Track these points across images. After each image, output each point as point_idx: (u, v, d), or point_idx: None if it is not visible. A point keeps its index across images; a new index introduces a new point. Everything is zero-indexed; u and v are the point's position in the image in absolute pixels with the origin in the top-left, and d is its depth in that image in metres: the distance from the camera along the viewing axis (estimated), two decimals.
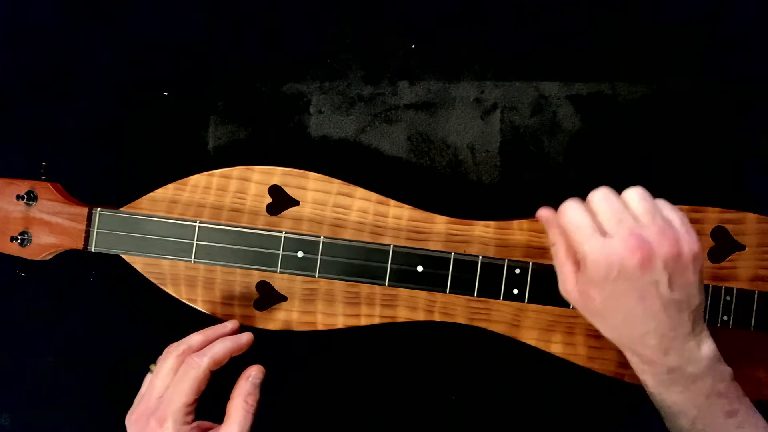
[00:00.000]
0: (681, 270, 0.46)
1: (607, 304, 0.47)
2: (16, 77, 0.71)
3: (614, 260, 0.45)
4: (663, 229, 0.46)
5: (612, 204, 0.47)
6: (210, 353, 0.53)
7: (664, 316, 0.46)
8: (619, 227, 0.46)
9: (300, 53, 0.69)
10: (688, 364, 0.47)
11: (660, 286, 0.46)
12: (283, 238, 0.59)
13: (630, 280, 0.45)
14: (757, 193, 0.66)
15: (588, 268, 0.46)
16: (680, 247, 0.45)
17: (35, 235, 0.60)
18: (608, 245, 0.45)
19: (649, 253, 0.45)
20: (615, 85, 0.67)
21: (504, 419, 0.67)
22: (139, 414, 0.51)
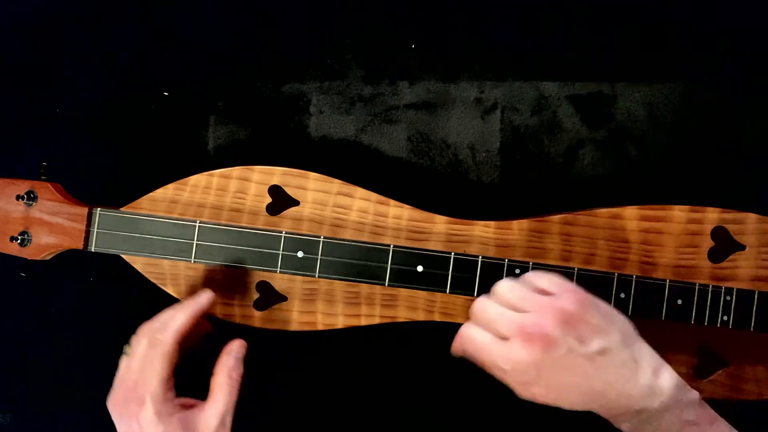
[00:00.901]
0: (577, 324, 0.47)
1: (552, 392, 0.48)
2: (15, 76, 0.71)
3: (524, 359, 0.46)
4: (540, 304, 0.48)
5: (490, 310, 0.49)
6: (171, 326, 0.52)
7: (601, 369, 0.47)
8: (510, 328, 0.48)
9: (300, 53, 0.69)
10: (652, 401, 0.47)
11: (575, 350, 0.46)
12: (283, 238, 0.59)
13: (550, 365, 0.46)
14: (757, 193, 0.66)
15: (514, 377, 0.48)
16: (563, 308, 0.47)
17: (35, 235, 0.60)
18: (512, 351, 0.47)
19: (544, 335, 0.46)
20: (615, 85, 0.67)
21: (504, 419, 0.67)
22: (119, 398, 0.51)
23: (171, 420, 0.50)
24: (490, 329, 0.49)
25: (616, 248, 0.60)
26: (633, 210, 0.60)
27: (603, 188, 0.67)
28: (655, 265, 0.60)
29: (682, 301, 0.58)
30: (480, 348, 0.49)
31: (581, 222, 0.60)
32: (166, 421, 0.50)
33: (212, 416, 0.51)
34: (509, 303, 0.49)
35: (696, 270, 0.60)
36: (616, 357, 0.47)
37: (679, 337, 0.61)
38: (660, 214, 0.60)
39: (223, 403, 0.51)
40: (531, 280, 0.51)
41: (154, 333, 0.52)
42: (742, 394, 0.61)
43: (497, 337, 0.48)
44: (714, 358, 0.61)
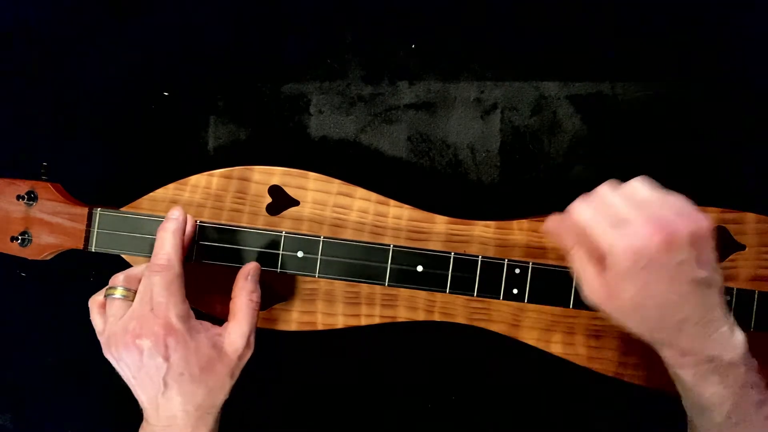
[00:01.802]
0: (702, 246, 0.46)
1: (639, 296, 0.46)
2: (15, 77, 0.71)
3: (639, 246, 0.44)
4: (677, 209, 0.46)
5: (621, 195, 0.47)
6: (166, 249, 0.52)
7: (698, 297, 0.46)
8: (635, 214, 0.45)
9: (300, 53, 0.69)
10: (725, 351, 0.47)
11: (687, 265, 0.45)
12: (283, 238, 0.59)
13: (658, 265, 0.45)
14: (757, 193, 0.66)
15: (614, 262, 0.45)
16: (698, 223, 0.46)
17: (35, 235, 0.60)
18: (629, 234, 0.45)
19: (671, 233, 0.44)
20: (615, 85, 0.67)
21: (504, 419, 0.67)
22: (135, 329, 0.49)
23: (200, 337, 0.50)
24: (609, 211, 0.46)
25: None
26: None
27: None
28: None
29: None
30: (592, 223, 0.46)
31: None
32: (195, 338, 0.50)
33: (238, 336, 0.52)
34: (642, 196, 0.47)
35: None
36: (713, 296, 0.47)
37: None
38: None
39: (247, 323, 0.53)
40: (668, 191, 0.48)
41: (151, 264, 0.52)
42: None
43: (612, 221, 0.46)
44: None
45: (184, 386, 0.50)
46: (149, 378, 0.49)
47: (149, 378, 0.49)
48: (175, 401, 0.50)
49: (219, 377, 0.51)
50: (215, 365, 0.51)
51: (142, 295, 0.51)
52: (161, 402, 0.50)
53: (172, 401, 0.50)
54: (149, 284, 0.51)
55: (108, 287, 0.54)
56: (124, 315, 0.51)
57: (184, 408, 0.50)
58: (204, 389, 0.50)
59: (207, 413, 0.51)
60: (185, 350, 0.49)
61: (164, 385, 0.49)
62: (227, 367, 0.51)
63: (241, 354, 0.52)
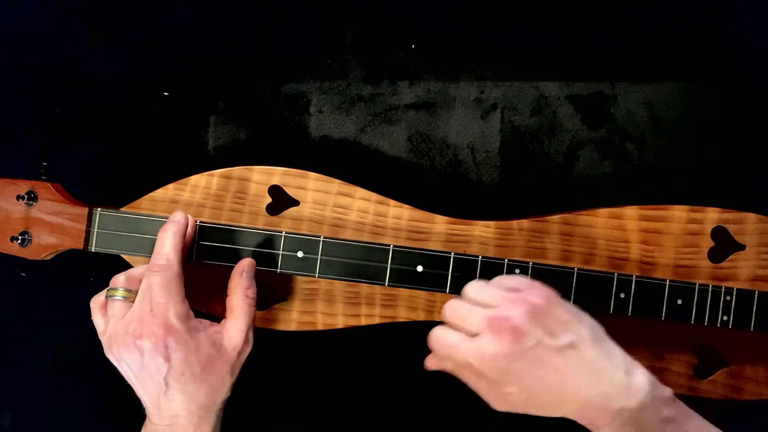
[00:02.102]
0: (545, 316, 0.47)
1: (524, 392, 0.47)
2: (15, 76, 0.71)
3: (495, 353, 0.46)
4: (509, 299, 0.48)
5: (460, 309, 0.49)
6: (167, 249, 0.52)
7: (572, 364, 0.46)
8: (479, 323, 0.47)
9: (300, 53, 0.69)
10: (629, 399, 0.45)
11: (544, 342, 0.46)
12: (283, 238, 0.59)
13: (520, 358, 0.46)
14: (757, 193, 0.66)
15: (486, 374, 0.47)
16: (530, 301, 0.47)
17: (35, 235, 0.60)
18: (482, 344, 0.46)
19: (513, 326, 0.46)
20: (615, 85, 0.67)
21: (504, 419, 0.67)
22: (137, 331, 0.49)
23: (199, 336, 0.51)
24: (460, 328, 0.49)
25: (616, 248, 0.60)
26: (633, 210, 0.60)
27: (603, 188, 0.67)
28: (655, 265, 0.60)
29: (682, 301, 0.58)
30: (450, 346, 0.48)
31: (581, 222, 0.60)
32: (196, 337, 0.50)
33: (236, 333, 0.53)
34: (478, 301, 0.49)
35: (696, 270, 0.60)
36: (587, 352, 0.46)
37: (679, 337, 0.61)
38: (660, 214, 0.60)
39: (244, 319, 0.53)
40: (500, 280, 0.51)
41: (151, 264, 0.52)
42: (742, 394, 0.61)
43: (467, 335, 0.48)
44: (714, 358, 0.61)
45: (185, 385, 0.50)
46: (151, 378, 0.50)
47: (151, 378, 0.50)
48: (176, 400, 0.50)
49: (220, 375, 0.52)
50: (215, 363, 0.51)
51: (142, 295, 0.52)
52: (163, 401, 0.50)
53: (174, 400, 0.50)
54: (149, 285, 0.51)
55: (109, 288, 0.54)
56: (125, 316, 0.52)
57: (186, 407, 0.50)
58: (205, 388, 0.51)
59: (209, 411, 0.51)
60: (185, 350, 0.50)
61: (166, 384, 0.50)
62: (227, 365, 0.52)
63: (240, 350, 0.53)
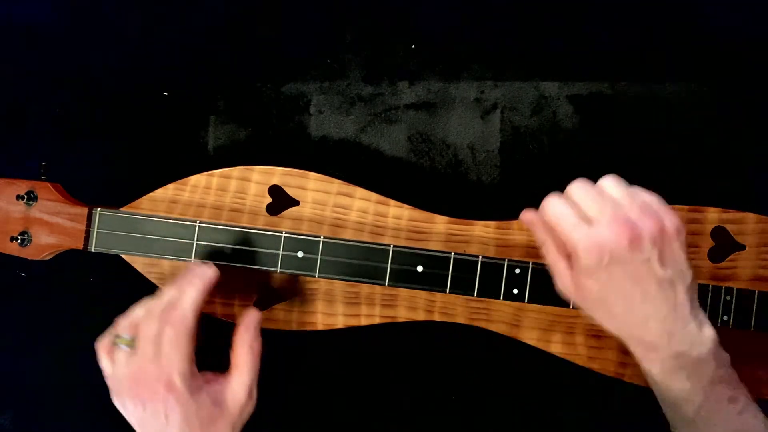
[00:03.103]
0: (668, 244, 0.46)
1: (604, 292, 0.47)
2: (15, 76, 0.71)
3: (604, 244, 0.45)
4: (643, 208, 0.47)
5: (591, 193, 0.48)
6: (187, 304, 0.51)
7: (662, 296, 0.47)
8: (602, 213, 0.46)
9: (300, 53, 0.69)
10: (692, 347, 0.47)
11: (651, 263, 0.46)
12: (283, 238, 0.59)
13: (622, 263, 0.46)
14: (757, 193, 0.66)
15: (580, 258, 0.46)
16: (663, 222, 0.46)
17: (35, 235, 0.60)
18: (595, 231, 0.46)
19: (636, 232, 0.45)
20: (615, 85, 0.67)
21: (504, 419, 0.67)
22: (140, 384, 0.49)
23: (200, 396, 0.50)
24: (578, 209, 0.47)
25: None
26: None
27: None
28: None
29: None
30: (561, 220, 0.47)
31: None
32: (196, 398, 0.49)
33: (239, 389, 0.52)
34: (613, 196, 0.48)
35: (696, 270, 0.60)
36: (679, 294, 0.47)
37: None
38: None
39: (248, 374, 0.52)
40: (638, 190, 0.49)
41: (167, 314, 0.51)
42: None
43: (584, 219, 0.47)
44: None
45: None
46: (153, 430, 0.50)
47: (153, 430, 0.50)
48: None
49: None
50: (217, 422, 0.50)
51: (150, 342, 0.50)
52: None
53: None
54: (159, 333, 0.50)
55: (114, 333, 0.52)
56: (130, 363, 0.51)
57: None
58: None
59: None
60: (186, 410, 0.49)
61: None
62: (229, 423, 0.51)
63: (242, 407, 0.52)
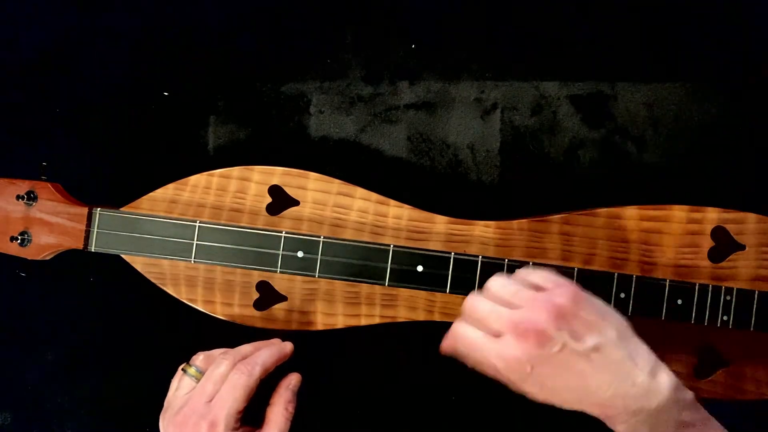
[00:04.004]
0: (572, 318, 0.46)
1: (547, 389, 0.47)
2: (15, 76, 0.71)
3: (518, 357, 0.45)
4: (533, 299, 0.47)
5: (485, 306, 0.48)
6: (260, 361, 0.54)
7: (596, 367, 0.46)
8: (502, 324, 0.46)
9: (300, 53, 0.69)
10: (649, 400, 0.45)
11: (569, 346, 0.45)
12: (283, 238, 0.59)
13: (544, 361, 0.45)
14: (757, 193, 0.66)
15: (507, 374, 0.46)
16: (556, 303, 0.46)
17: (35, 235, 0.60)
18: (505, 347, 0.46)
19: (538, 330, 0.45)
20: (615, 85, 0.67)
21: (504, 419, 0.67)
22: (186, 415, 0.51)
23: None
24: (482, 326, 0.48)
25: (616, 248, 0.60)
26: (633, 210, 0.60)
27: (603, 188, 0.67)
28: (655, 265, 0.60)
29: (682, 301, 0.58)
30: (472, 346, 0.48)
31: (581, 222, 0.60)
32: None
33: None
34: (501, 299, 0.48)
35: (696, 270, 0.60)
36: (612, 354, 0.46)
37: (679, 337, 0.61)
38: (660, 214, 0.60)
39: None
40: (524, 276, 0.50)
41: (241, 362, 0.53)
42: (742, 394, 0.61)
43: (489, 334, 0.47)
44: (714, 358, 0.61)
45: None
46: None
47: None
48: None
49: None
50: None
51: (211, 381, 0.53)
52: None
53: None
54: (223, 375, 0.53)
55: (189, 361, 0.56)
56: (187, 394, 0.53)
57: None
58: None
59: None
60: None
61: None
62: None
63: None
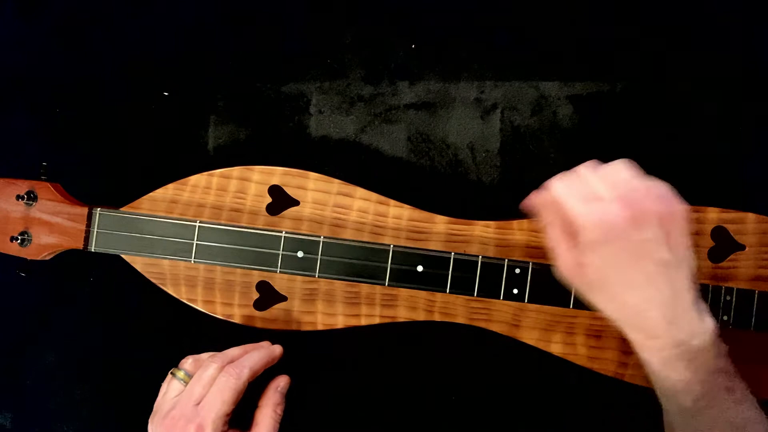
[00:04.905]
0: (672, 228, 0.46)
1: (606, 271, 0.47)
2: (16, 76, 0.71)
3: (607, 220, 0.45)
4: (652, 189, 0.47)
5: (600, 174, 0.48)
6: (248, 363, 0.54)
7: (664, 279, 0.46)
8: (610, 190, 0.46)
9: (300, 53, 0.69)
10: (693, 336, 0.46)
11: (656, 244, 0.46)
12: (283, 238, 0.59)
13: (626, 239, 0.45)
14: (757, 193, 0.66)
15: (583, 233, 0.46)
16: (671, 206, 0.46)
17: (35, 235, 0.60)
18: (601, 207, 0.46)
19: (642, 210, 0.45)
20: (615, 85, 0.67)
21: (504, 419, 0.67)
22: (174, 418, 0.51)
23: None
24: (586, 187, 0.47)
25: None
26: None
27: None
28: None
29: None
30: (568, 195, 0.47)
31: None
32: None
33: None
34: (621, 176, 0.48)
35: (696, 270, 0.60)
36: (681, 280, 0.47)
37: None
38: None
39: None
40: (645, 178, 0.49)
41: (230, 365, 0.53)
42: None
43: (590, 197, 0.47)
44: None
45: None
46: None
47: None
48: None
49: None
50: None
51: (200, 385, 0.53)
52: None
53: None
54: (212, 378, 0.53)
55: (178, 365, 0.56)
56: (176, 397, 0.53)
57: None
58: None
59: None
60: None
61: None
62: None
63: None
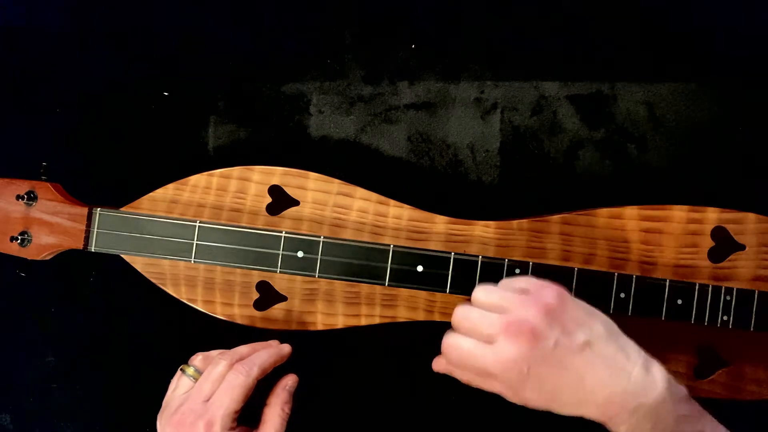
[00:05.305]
0: (560, 315, 0.46)
1: (544, 391, 0.47)
2: (15, 76, 0.71)
3: (515, 357, 0.45)
4: (521, 301, 0.47)
5: (472, 314, 0.48)
6: (258, 361, 0.54)
7: (590, 362, 0.46)
8: (494, 328, 0.47)
9: (300, 53, 0.69)
10: (646, 395, 0.45)
11: (562, 343, 0.46)
12: (283, 238, 0.59)
13: (539, 360, 0.45)
14: (757, 193, 0.66)
15: (502, 377, 0.46)
16: (544, 301, 0.47)
17: (35, 235, 0.60)
18: (500, 350, 0.46)
19: (530, 328, 0.46)
20: (615, 85, 0.67)
21: (504, 419, 0.67)
22: (184, 414, 0.52)
23: None
24: (473, 334, 0.48)
25: (616, 248, 0.60)
26: (633, 210, 0.60)
27: (603, 188, 0.67)
28: (655, 265, 0.60)
29: (682, 301, 0.58)
30: (466, 355, 0.48)
31: (581, 222, 0.60)
32: None
33: None
34: (490, 305, 0.48)
35: (696, 270, 0.60)
36: (604, 349, 0.46)
37: (679, 337, 0.61)
38: (660, 214, 0.60)
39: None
40: (508, 283, 0.50)
41: (239, 362, 0.54)
42: (742, 394, 0.61)
43: (482, 341, 0.47)
44: (714, 358, 0.61)
45: None
46: None
47: None
48: None
49: None
50: None
51: (208, 381, 0.53)
52: None
53: None
54: (221, 376, 0.53)
55: (188, 362, 0.57)
56: (185, 394, 0.54)
57: None
58: None
59: None
60: None
61: None
62: None
63: None
